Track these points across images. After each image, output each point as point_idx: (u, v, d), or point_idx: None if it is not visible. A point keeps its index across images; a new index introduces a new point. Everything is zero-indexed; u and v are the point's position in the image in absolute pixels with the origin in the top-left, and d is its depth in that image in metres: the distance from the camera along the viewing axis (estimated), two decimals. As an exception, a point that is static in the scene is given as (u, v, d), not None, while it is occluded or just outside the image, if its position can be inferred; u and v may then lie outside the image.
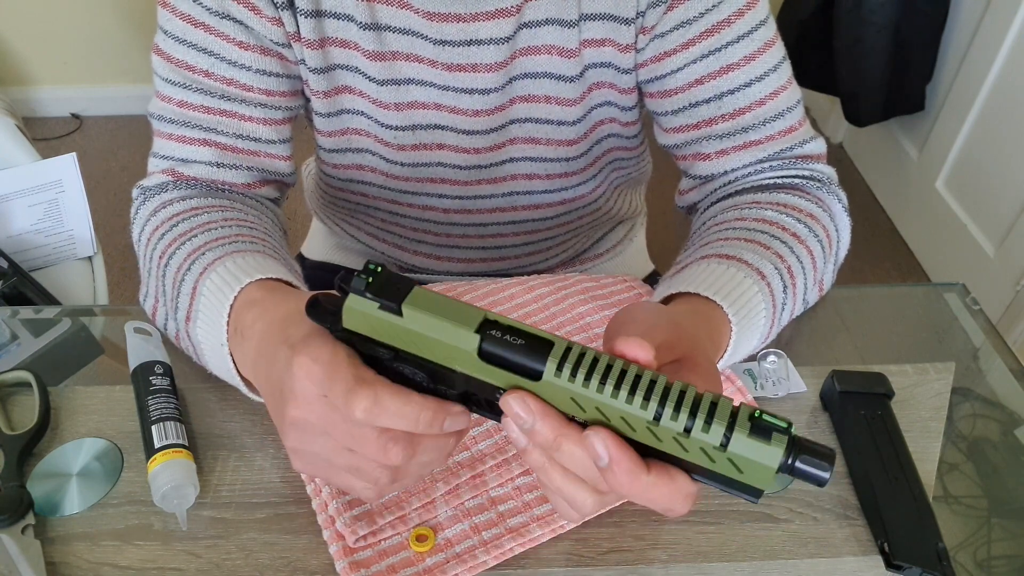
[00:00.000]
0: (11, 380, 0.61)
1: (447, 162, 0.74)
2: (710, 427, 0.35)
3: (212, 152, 0.65)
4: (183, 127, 0.65)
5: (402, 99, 0.69)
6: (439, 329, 0.38)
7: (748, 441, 0.34)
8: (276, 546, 0.52)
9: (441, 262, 0.87)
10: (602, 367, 0.36)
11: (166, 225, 0.61)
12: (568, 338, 0.39)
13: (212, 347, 0.54)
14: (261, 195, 0.69)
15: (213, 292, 0.53)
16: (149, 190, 0.67)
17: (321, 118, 0.72)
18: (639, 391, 0.36)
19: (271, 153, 0.68)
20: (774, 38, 0.65)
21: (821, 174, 0.67)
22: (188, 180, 0.66)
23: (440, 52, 0.65)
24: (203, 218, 0.61)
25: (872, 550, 0.52)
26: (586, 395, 0.36)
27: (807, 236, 0.61)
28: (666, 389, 0.36)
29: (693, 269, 0.56)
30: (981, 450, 0.60)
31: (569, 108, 0.70)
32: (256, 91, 0.65)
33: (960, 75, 1.86)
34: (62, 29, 2.37)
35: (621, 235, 0.95)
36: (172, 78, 0.64)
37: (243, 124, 0.66)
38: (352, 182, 0.79)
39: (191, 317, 0.55)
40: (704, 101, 0.65)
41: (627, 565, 0.51)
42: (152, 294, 0.62)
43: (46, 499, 0.54)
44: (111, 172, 2.30)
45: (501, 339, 0.37)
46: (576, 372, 0.36)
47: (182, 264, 0.57)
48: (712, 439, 0.35)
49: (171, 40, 0.63)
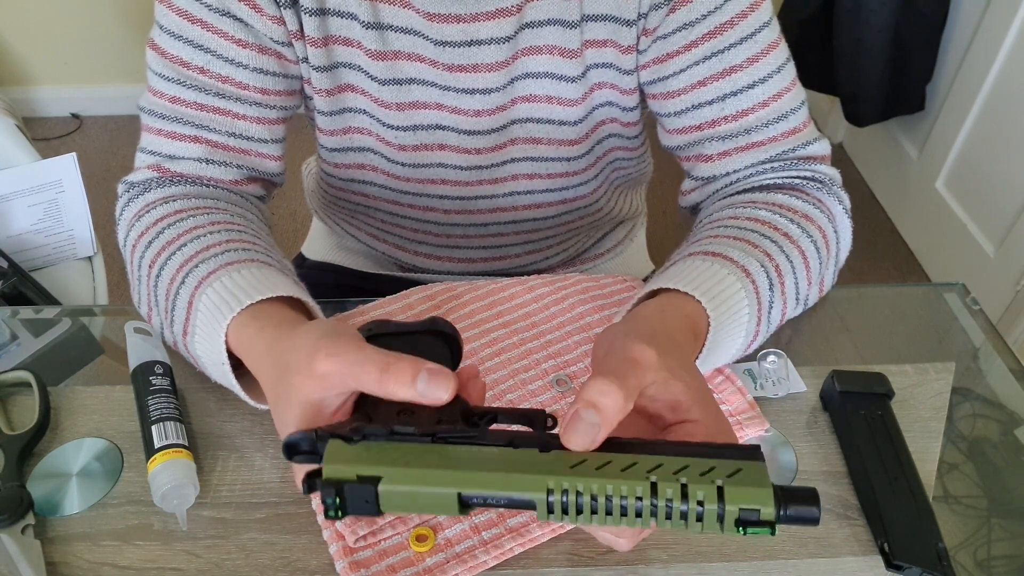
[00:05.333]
0: (11, 380, 0.61)
1: (448, 163, 0.74)
2: (703, 523, 0.36)
3: (201, 149, 0.65)
4: (174, 123, 0.65)
5: (404, 99, 0.68)
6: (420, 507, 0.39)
7: (741, 516, 0.36)
8: (276, 546, 0.52)
9: (442, 262, 0.87)
10: (587, 504, 0.36)
11: (152, 231, 0.61)
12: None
13: (212, 363, 0.54)
14: (247, 192, 0.69)
15: (210, 310, 0.53)
16: (134, 187, 0.66)
17: (323, 117, 0.72)
18: (629, 512, 0.36)
19: (262, 152, 0.68)
20: (778, 40, 0.65)
21: (823, 175, 0.67)
22: (173, 176, 0.65)
23: (441, 53, 0.65)
24: (188, 223, 0.60)
25: (872, 550, 0.52)
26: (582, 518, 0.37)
27: (799, 236, 0.61)
28: (653, 507, 0.36)
29: (679, 266, 0.56)
30: (981, 450, 0.60)
31: (571, 108, 0.70)
32: (252, 89, 0.65)
33: (960, 75, 1.85)
34: (62, 29, 2.37)
35: (621, 235, 0.95)
36: (166, 73, 0.64)
37: (236, 122, 0.65)
38: (353, 182, 0.79)
39: (188, 331, 0.55)
40: (707, 103, 0.65)
41: (627, 565, 0.51)
42: (145, 302, 0.62)
43: (46, 499, 0.54)
44: (111, 172, 2.30)
45: (484, 504, 0.38)
46: (566, 513, 0.37)
47: (175, 276, 0.57)
48: (710, 529, 0.36)
49: (166, 35, 0.63)
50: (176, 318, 0.57)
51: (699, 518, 0.36)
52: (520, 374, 0.61)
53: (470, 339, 0.64)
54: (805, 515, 0.36)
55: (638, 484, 0.36)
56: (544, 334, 0.64)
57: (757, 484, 0.36)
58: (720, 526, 0.36)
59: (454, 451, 0.39)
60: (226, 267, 0.55)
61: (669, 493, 0.36)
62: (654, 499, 0.36)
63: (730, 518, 0.35)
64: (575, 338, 0.64)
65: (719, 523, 0.36)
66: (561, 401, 0.60)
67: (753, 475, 0.36)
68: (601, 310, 0.66)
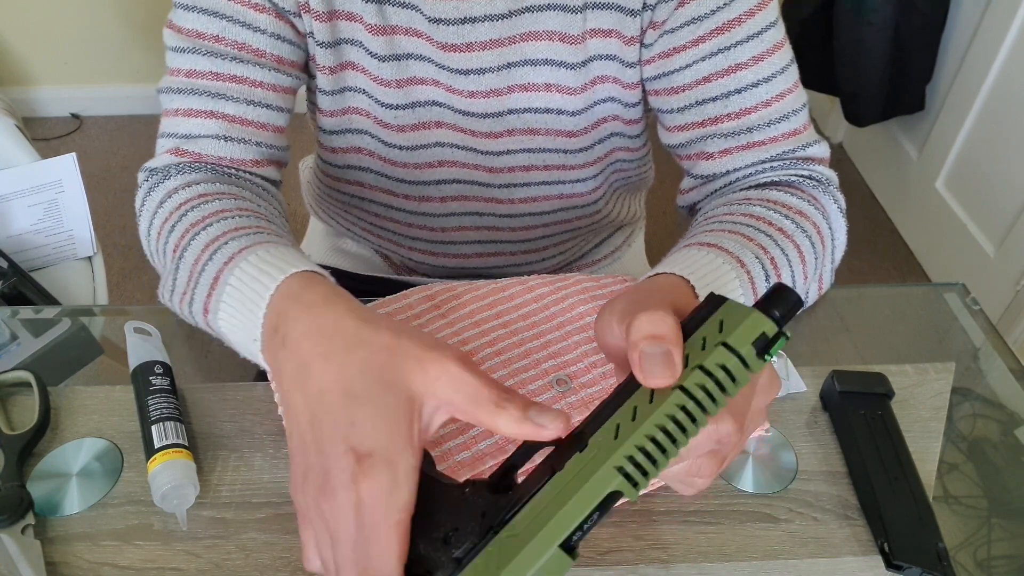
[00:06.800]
0: (11, 380, 0.61)
1: (445, 141, 0.74)
2: (737, 381, 0.36)
3: (217, 124, 0.64)
4: (190, 96, 0.64)
5: (402, 75, 0.68)
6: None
7: (757, 349, 0.37)
8: (276, 546, 0.52)
9: (436, 258, 0.86)
10: (655, 450, 0.36)
11: (175, 215, 0.60)
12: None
13: (241, 341, 0.51)
14: (266, 176, 0.68)
15: (245, 282, 0.50)
16: (154, 173, 0.65)
17: (325, 96, 0.71)
18: (687, 425, 0.36)
19: (277, 125, 0.67)
20: (783, 40, 0.65)
21: (820, 175, 0.67)
22: (194, 159, 0.64)
23: (435, 30, 0.65)
24: (214, 205, 0.59)
25: (872, 550, 0.52)
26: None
27: (794, 231, 0.61)
28: (697, 403, 0.36)
29: (673, 256, 0.56)
30: (981, 450, 0.60)
31: (570, 97, 0.69)
32: (269, 56, 0.65)
33: (960, 75, 1.86)
34: (62, 29, 2.37)
35: (619, 241, 0.95)
36: (181, 46, 0.64)
37: (254, 90, 0.65)
38: (349, 168, 0.79)
39: (209, 309, 0.53)
40: (711, 99, 0.65)
41: (627, 565, 0.51)
42: (168, 287, 0.60)
43: (46, 499, 0.54)
44: (111, 172, 2.30)
45: (585, 533, 0.36)
46: (647, 474, 0.36)
47: (200, 255, 0.55)
48: (744, 380, 0.37)
49: (182, 10, 0.63)
50: (197, 296, 0.55)
51: (733, 378, 0.36)
52: (520, 374, 0.61)
53: (470, 339, 0.64)
54: (793, 305, 0.37)
55: (672, 398, 0.36)
56: (544, 334, 0.64)
57: (744, 317, 0.37)
58: (750, 369, 0.37)
59: (520, 522, 0.36)
60: (262, 244, 0.53)
61: (698, 379, 0.36)
62: (692, 398, 0.36)
63: (750, 357, 0.36)
64: (575, 338, 0.64)
65: (747, 368, 0.36)
66: (561, 401, 0.60)
67: (734, 315, 0.37)
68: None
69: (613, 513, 0.54)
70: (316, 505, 0.39)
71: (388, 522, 0.37)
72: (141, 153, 2.38)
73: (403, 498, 0.37)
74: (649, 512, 0.54)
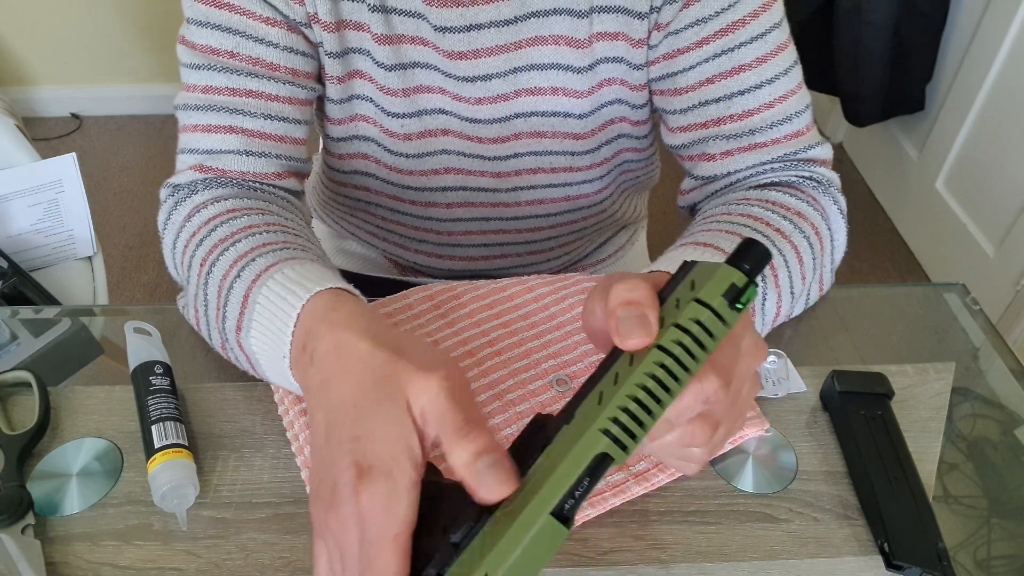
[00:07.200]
0: (11, 380, 0.61)
1: (451, 148, 0.74)
2: (714, 335, 0.37)
3: (238, 139, 0.64)
4: (208, 112, 0.64)
5: (408, 84, 0.68)
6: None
7: (728, 300, 0.38)
8: (276, 546, 0.52)
9: (443, 260, 0.87)
10: (639, 411, 0.36)
11: (204, 230, 0.60)
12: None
13: (270, 359, 0.51)
14: (288, 188, 0.68)
15: (273, 301, 0.51)
16: (180, 189, 0.65)
17: (333, 104, 0.72)
18: (669, 382, 0.36)
19: (296, 138, 0.67)
20: (787, 42, 0.65)
21: (821, 176, 0.67)
22: (218, 175, 0.65)
23: (441, 39, 0.65)
24: (243, 221, 0.59)
25: (872, 550, 0.52)
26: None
27: (792, 232, 0.61)
28: (676, 360, 0.37)
29: (668, 254, 0.57)
30: (981, 450, 0.60)
31: (577, 100, 0.69)
32: (283, 70, 0.65)
33: (960, 75, 1.86)
34: (62, 29, 2.37)
35: (623, 240, 0.95)
36: (196, 62, 0.64)
37: (270, 104, 0.65)
38: (355, 174, 0.79)
39: (242, 327, 0.53)
40: (714, 100, 0.65)
41: (627, 565, 0.51)
42: (192, 304, 0.60)
43: (46, 499, 0.54)
44: (111, 172, 2.30)
45: (578, 501, 0.36)
46: (634, 436, 0.36)
47: (228, 271, 0.55)
48: (720, 333, 0.37)
49: (194, 27, 0.63)
50: (229, 313, 0.55)
51: (710, 333, 0.37)
52: (520, 374, 0.61)
53: (470, 339, 0.64)
54: (761, 257, 0.38)
55: (650, 356, 0.37)
56: (544, 334, 0.64)
57: (713, 272, 0.38)
58: (724, 322, 0.37)
59: (513, 499, 0.36)
60: (288, 261, 0.53)
61: (674, 336, 0.37)
62: (669, 354, 0.36)
63: (723, 308, 0.37)
64: (575, 338, 0.64)
65: (722, 321, 0.37)
66: (561, 401, 0.60)
67: (705, 272, 0.38)
68: (601, 310, 0.66)
69: (613, 513, 0.54)
70: (325, 518, 0.39)
71: (387, 535, 0.37)
72: (141, 153, 2.38)
73: (402, 511, 0.37)
74: (649, 512, 0.54)
